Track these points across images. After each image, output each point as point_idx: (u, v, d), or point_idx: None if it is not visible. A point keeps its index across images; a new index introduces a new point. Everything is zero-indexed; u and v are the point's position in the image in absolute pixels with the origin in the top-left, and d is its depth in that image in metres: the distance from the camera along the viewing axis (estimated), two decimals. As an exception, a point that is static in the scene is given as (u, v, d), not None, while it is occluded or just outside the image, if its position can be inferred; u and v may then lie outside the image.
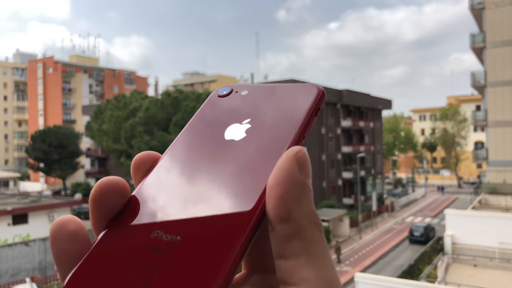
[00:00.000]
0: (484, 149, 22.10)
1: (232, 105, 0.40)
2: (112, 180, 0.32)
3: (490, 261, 13.24)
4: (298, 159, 0.30)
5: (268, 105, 0.38)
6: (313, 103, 0.37)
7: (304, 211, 0.29)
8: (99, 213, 0.32)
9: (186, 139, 0.38)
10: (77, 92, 48.71)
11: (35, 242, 17.46)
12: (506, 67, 20.18)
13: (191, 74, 63.66)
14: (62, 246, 0.30)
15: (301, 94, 0.38)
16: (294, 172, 0.29)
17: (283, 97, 0.39)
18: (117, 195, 0.32)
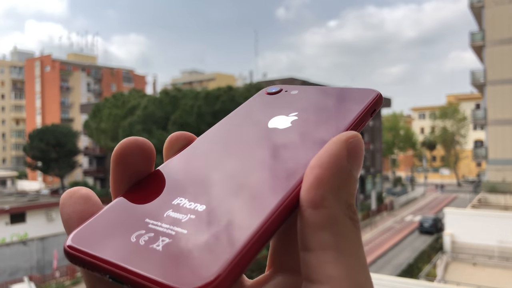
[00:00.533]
0: (483, 148, 22.09)
1: (280, 101, 0.38)
2: (139, 140, 0.30)
3: (489, 259, 13.22)
4: (349, 145, 0.26)
5: (319, 104, 0.36)
6: (369, 103, 0.34)
7: (340, 201, 0.25)
8: (120, 175, 0.30)
9: (225, 125, 0.37)
10: (75, 90, 48.55)
11: (33, 241, 17.41)
12: (506, 66, 20.14)
13: (190, 72, 63.56)
14: (74, 208, 0.28)
15: (356, 95, 0.35)
16: (340, 157, 0.26)
17: (337, 98, 0.36)
18: (143, 157, 0.30)
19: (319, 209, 0.24)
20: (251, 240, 0.23)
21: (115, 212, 0.28)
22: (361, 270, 0.25)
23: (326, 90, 0.38)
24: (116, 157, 0.29)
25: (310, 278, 0.24)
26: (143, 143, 0.29)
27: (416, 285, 10.36)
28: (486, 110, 20.91)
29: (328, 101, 0.36)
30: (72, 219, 0.28)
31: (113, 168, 0.30)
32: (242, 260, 0.22)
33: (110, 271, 0.23)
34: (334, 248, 0.24)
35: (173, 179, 0.30)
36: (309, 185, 0.25)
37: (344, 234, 0.25)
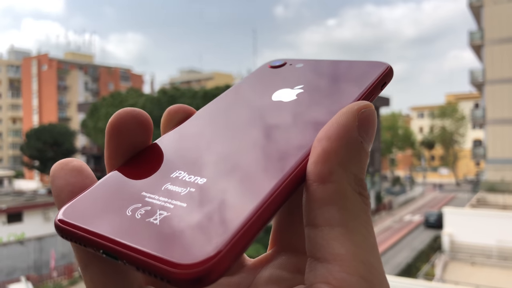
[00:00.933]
0: (482, 147, 22.09)
1: (284, 74, 0.36)
2: (135, 110, 0.28)
3: (488, 259, 13.21)
4: (361, 115, 0.24)
5: (326, 77, 0.34)
6: (379, 75, 0.32)
7: (350, 175, 0.23)
8: (116, 148, 0.28)
9: (226, 98, 0.35)
10: (72, 89, 48.40)
11: (30, 241, 17.35)
12: (504, 65, 20.12)
13: (188, 71, 63.47)
14: (66, 181, 0.26)
15: (365, 68, 0.33)
16: (351, 128, 0.24)
17: (345, 70, 0.34)
18: (140, 128, 0.28)
19: (326, 183, 0.23)
20: (254, 215, 0.21)
21: (110, 186, 0.26)
22: (370, 248, 0.23)
23: (333, 63, 0.36)
24: (111, 128, 0.27)
25: (316, 256, 0.23)
26: (139, 114, 0.28)
27: (414, 284, 10.36)
28: (485, 110, 20.90)
29: (336, 74, 0.34)
30: (64, 192, 0.26)
31: (108, 141, 0.28)
32: (245, 236, 0.21)
33: (103, 245, 0.22)
34: (341, 224, 0.23)
35: (171, 152, 0.29)
36: (316, 158, 0.24)
37: (353, 210, 0.23)
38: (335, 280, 0.21)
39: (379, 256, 0.23)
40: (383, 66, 0.33)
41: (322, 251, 0.22)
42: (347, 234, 0.22)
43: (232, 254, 0.20)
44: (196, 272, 0.19)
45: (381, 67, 0.33)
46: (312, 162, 0.24)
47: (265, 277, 0.29)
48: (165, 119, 0.33)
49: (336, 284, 0.21)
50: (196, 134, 0.30)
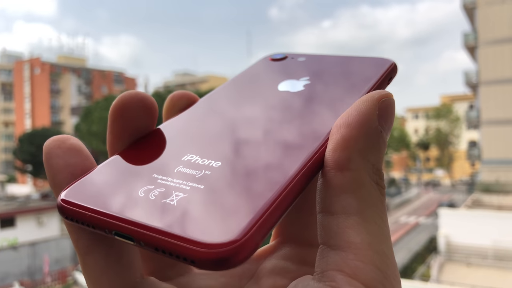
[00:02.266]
0: (477, 148, 22.18)
1: (288, 67, 0.35)
2: (140, 93, 0.26)
3: (483, 260, 13.22)
4: (382, 104, 0.24)
5: (331, 71, 0.33)
6: (386, 70, 0.32)
7: (368, 164, 0.23)
8: (120, 131, 0.26)
9: (230, 87, 0.34)
10: (65, 93, 48.12)
11: (23, 246, 17.19)
12: (498, 66, 20.23)
13: (182, 74, 63.35)
14: (64, 161, 0.24)
15: (371, 63, 0.33)
16: (371, 117, 0.23)
17: (350, 65, 0.33)
18: (144, 112, 0.26)
19: (344, 171, 0.23)
20: (279, 197, 0.21)
21: (117, 168, 0.24)
22: (384, 238, 0.23)
23: (336, 58, 0.35)
24: (114, 111, 0.26)
25: (330, 243, 0.22)
26: (144, 97, 0.26)
27: (411, 286, 10.35)
28: (479, 110, 20.98)
29: (341, 68, 0.33)
30: (62, 173, 0.24)
31: (112, 124, 0.26)
32: (270, 217, 0.20)
33: (117, 226, 0.20)
34: (357, 213, 0.22)
35: (180, 137, 0.27)
36: (335, 145, 0.23)
37: (369, 200, 0.23)
38: (348, 268, 0.21)
39: (391, 245, 0.23)
40: (388, 63, 0.33)
41: (336, 238, 0.22)
42: (363, 223, 0.22)
43: (258, 235, 0.19)
44: (224, 252, 0.18)
45: (386, 64, 0.33)
46: (330, 149, 0.23)
47: (268, 268, 0.28)
48: (168, 105, 0.31)
49: (349, 272, 0.21)
50: (205, 119, 0.29)
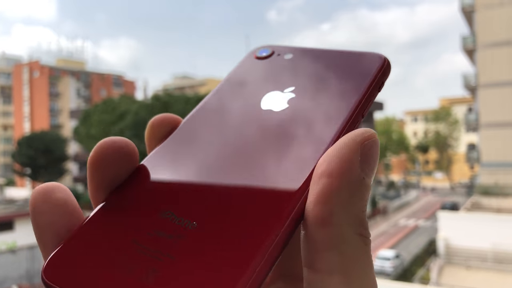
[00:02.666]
0: (476, 151, 22.20)
1: (272, 69, 0.33)
2: (117, 140, 0.26)
3: (483, 263, 13.22)
4: (364, 149, 0.22)
5: (318, 74, 0.31)
6: (376, 75, 0.29)
7: (351, 217, 0.22)
8: (99, 180, 0.25)
9: (213, 104, 0.31)
10: (64, 96, 48.12)
11: (22, 250, 17.15)
12: (497, 69, 20.28)
13: (181, 77, 63.43)
14: (49, 218, 0.23)
15: (360, 63, 0.30)
16: (353, 165, 0.22)
17: (338, 65, 0.31)
18: (123, 159, 0.26)
19: (326, 227, 0.21)
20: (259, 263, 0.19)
21: (96, 231, 0.23)
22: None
23: (324, 55, 0.32)
24: (92, 163, 0.25)
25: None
26: (121, 146, 0.25)
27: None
28: (478, 113, 21.01)
29: (328, 71, 0.31)
30: (47, 233, 0.23)
31: (90, 175, 0.26)
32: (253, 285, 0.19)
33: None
34: (341, 271, 0.21)
35: (158, 183, 0.26)
36: (316, 198, 0.21)
37: (353, 255, 0.22)
38: None
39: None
40: (379, 61, 0.30)
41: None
42: (346, 282, 0.21)
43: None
44: None
45: (377, 63, 0.30)
46: (311, 202, 0.22)
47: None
48: (149, 134, 0.30)
49: None
50: (181, 156, 0.27)
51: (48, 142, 33.16)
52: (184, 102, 21.19)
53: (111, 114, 25.87)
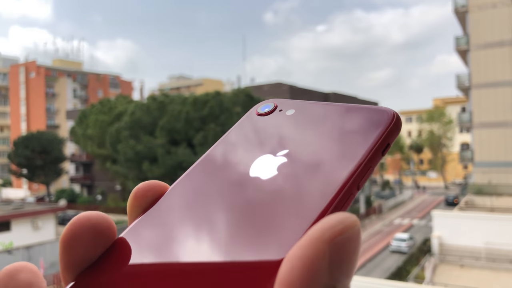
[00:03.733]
0: (469, 150, 22.37)
1: (271, 128, 0.31)
2: (92, 217, 0.24)
3: (476, 261, 13.35)
4: (334, 248, 0.17)
5: (315, 134, 0.28)
6: (380, 135, 0.26)
7: None
8: (67, 260, 0.23)
9: (204, 167, 0.30)
10: (60, 96, 48.04)
11: (18, 250, 17.15)
12: (490, 69, 20.46)
13: (177, 77, 63.43)
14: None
15: (365, 121, 0.27)
16: (318, 272, 0.17)
17: (340, 123, 0.28)
18: (97, 237, 0.24)
19: None
20: None
21: None
22: None
23: (327, 113, 0.30)
24: (62, 241, 0.24)
25: None
26: (97, 222, 0.24)
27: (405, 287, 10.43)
28: (472, 113, 21.19)
29: (327, 132, 0.28)
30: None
31: (60, 254, 0.24)
32: None
33: None
34: None
35: (134, 260, 0.24)
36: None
37: None
38: None
39: None
40: (386, 120, 0.27)
41: None
42: None
43: None
44: None
45: (383, 121, 0.27)
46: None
47: None
48: (131, 204, 0.28)
49: None
50: (159, 229, 0.25)
51: (45, 142, 33.13)
52: (181, 102, 21.29)
53: (108, 114, 25.92)
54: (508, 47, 20.11)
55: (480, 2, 20.91)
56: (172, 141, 20.03)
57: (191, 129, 19.78)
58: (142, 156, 19.76)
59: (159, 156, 19.40)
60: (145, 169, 19.62)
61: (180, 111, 20.29)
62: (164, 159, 19.17)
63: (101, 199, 33.33)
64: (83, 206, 31.68)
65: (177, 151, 19.16)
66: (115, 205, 30.43)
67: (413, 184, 44.80)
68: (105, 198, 33.11)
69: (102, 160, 26.16)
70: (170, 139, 20.00)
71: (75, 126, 29.05)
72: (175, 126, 20.02)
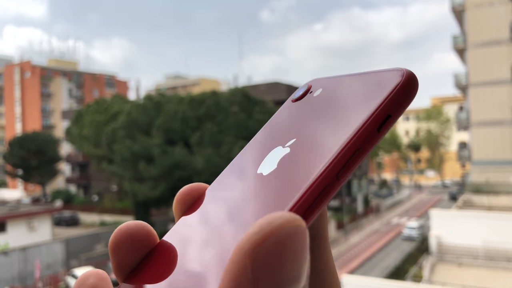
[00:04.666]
0: (467, 149, 22.37)
1: (293, 116, 0.30)
2: (131, 226, 0.27)
3: (474, 260, 13.32)
4: (256, 259, 0.16)
5: (324, 117, 0.26)
6: (376, 107, 0.23)
7: None
8: (114, 265, 0.27)
9: (232, 165, 0.31)
10: (56, 96, 47.78)
11: (14, 251, 17.04)
12: (487, 68, 20.45)
13: (174, 77, 63.25)
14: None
15: (366, 91, 0.25)
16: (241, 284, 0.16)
17: (347, 99, 0.26)
18: (136, 243, 0.27)
19: None
20: None
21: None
22: None
23: (345, 85, 0.28)
24: (109, 249, 0.27)
25: None
26: (136, 229, 0.27)
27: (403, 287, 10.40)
28: (469, 112, 21.18)
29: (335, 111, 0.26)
30: None
31: (110, 257, 0.28)
32: None
33: None
34: None
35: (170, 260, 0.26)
36: None
37: None
38: None
39: None
40: (392, 83, 0.24)
41: None
42: None
43: None
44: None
45: (388, 86, 0.23)
46: None
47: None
48: (174, 209, 0.31)
49: None
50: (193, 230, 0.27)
51: (40, 143, 32.94)
52: (177, 102, 21.15)
53: (104, 114, 25.76)
54: (505, 46, 20.09)
55: (477, 0, 20.89)
56: (169, 141, 19.90)
57: (188, 128, 19.66)
58: (138, 156, 19.62)
59: (155, 156, 19.26)
60: (141, 169, 19.49)
61: (176, 111, 20.16)
62: (161, 159, 19.04)
63: (97, 199, 33.17)
64: (79, 207, 31.50)
65: (174, 151, 19.04)
66: (112, 206, 30.27)
67: (412, 184, 44.85)
68: (102, 198, 32.94)
69: (98, 160, 26.00)
70: (166, 139, 19.87)
71: (71, 126, 28.85)
72: (171, 126, 19.89)
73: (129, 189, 20.53)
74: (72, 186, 37.61)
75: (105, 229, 23.78)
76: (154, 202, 20.89)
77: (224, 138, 18.51)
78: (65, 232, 25.07)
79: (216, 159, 18.09)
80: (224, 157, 18.07)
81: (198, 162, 18.35)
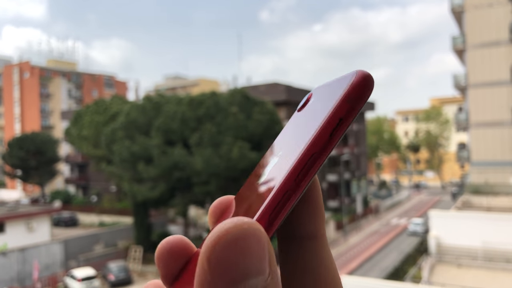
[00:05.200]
0: (466, 150, 22.37)
1: (293, 125, 0.31)
2: (170, 240, 0.31)
3: (473, 261, 13.31)
4: (211, 262, 0.20)
5: (302, 124, 0.29)
6: (329, 114, 0.24)
7: None
8: (162, 274, 0.31)
9: (251, 175, 0.32)
10: (55, 97, 47.72)
11: (12, 252, 17.00)
12: (486, 69, 20.46)
13: (173, 78, 63.22)
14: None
15: (326, 97, 0.27)
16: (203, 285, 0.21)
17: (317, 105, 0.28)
18: (175, 255, 0.31)
19: None
20: None
21: None
22: None
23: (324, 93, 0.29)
24: (155, 258, 0.31)
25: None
26: (173, 244, 0.31)
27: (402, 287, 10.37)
28: (468, 113, 21.18)
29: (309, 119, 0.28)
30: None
31: (157, 266, 0.32)
32: None
33: None
34: None
35: None
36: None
37: None
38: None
39: None
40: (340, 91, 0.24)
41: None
42: None
43: None
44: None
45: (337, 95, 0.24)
46: None
47: None
48: (210, 215, 0.35)
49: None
50: None
51: (39, 143, 32.89)
52: (176, 102, 21.12)
53: (103, 115, 25.72)
54: (504, 47, 20.11)
55: (476, 1, 20.91)
56: (168, 141, 19.87)
57: (187, 129, 19.63)
58: (137, 156, 19.58)
59: (154, 156, 19.24)
60: (140, 170, 19.46)
61: (175, 112, 20.13)
62: (160, 159, 19.01)
63: (96, 200, 33.12)
64: (78, 208, 31.45)
65: (173, 152, 19.01)
66: (111, 206, 30.23)
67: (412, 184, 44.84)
68: (101, 199, 32.90)
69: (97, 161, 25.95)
70: (165, 139, 19.84)
71: (70, 127, 28.80)
72: (170, 127, 19.86)
73: (128, 190, 20.48)
74: (71, 186, 37.56)
75: (104, 229, 23.74)
76: (153, 202, 20.84)
77: (223, 139, 18.47)
78: (64, 232, 25.03)
79: (216, 159, 18.06)
80: (223, 158, 18.04)
81: (197, 163, 18.31)
